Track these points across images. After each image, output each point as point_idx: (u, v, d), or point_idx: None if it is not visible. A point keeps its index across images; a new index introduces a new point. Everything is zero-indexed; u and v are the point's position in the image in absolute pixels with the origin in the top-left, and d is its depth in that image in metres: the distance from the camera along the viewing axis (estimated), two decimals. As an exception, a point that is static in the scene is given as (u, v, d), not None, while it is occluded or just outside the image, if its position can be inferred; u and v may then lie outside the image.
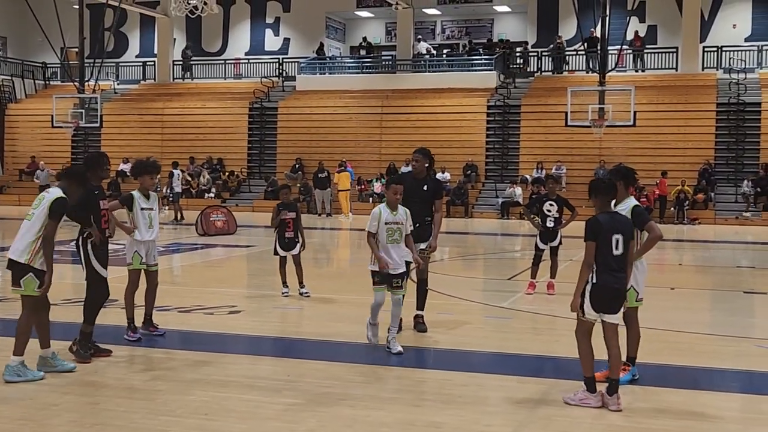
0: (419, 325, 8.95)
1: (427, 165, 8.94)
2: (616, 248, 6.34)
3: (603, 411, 6.14)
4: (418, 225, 8.69)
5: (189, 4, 17.39)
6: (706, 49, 33.67)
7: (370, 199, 31.31)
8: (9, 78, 39.18)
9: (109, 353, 7.70)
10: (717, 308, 12.01)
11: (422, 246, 8.83)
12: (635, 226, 6.73)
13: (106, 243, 7.63)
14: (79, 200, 7.19)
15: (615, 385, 6.26)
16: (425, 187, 8.85)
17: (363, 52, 39.11)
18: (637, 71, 34.33)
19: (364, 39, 39.64)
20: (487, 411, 6.19)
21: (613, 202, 6.75)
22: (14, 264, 6.74)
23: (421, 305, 9.02)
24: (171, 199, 27.09)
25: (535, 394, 6.61)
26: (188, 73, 39.39)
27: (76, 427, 5.76)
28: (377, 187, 31.40)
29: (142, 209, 8.38)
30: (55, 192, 6.88)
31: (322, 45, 38.54)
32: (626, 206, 6.87)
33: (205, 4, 16.74)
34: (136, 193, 8.43)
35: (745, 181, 28.97)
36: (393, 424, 5.87)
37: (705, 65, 33.51)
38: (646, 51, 34.56)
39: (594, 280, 6.31)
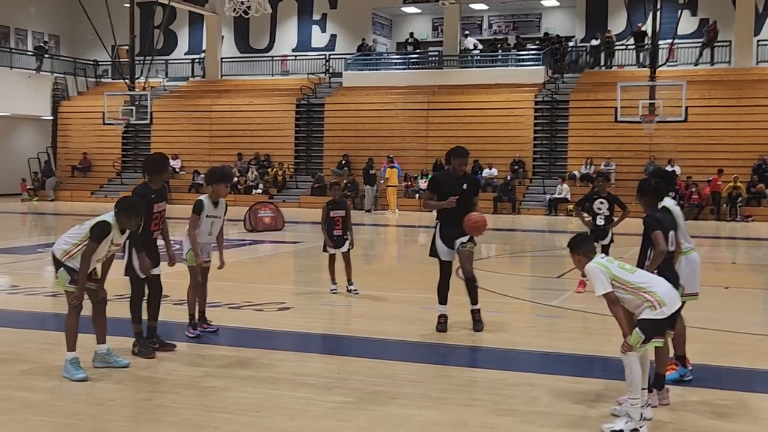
0: (477, 323, 8.88)
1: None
2: (672, 245, 6.47)
3: (654, 410, 6.04)
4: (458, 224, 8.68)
5: (243, 4, 17.49)
6: (760, 43, 33.00)
7: (416, 195, 31.25)
8: (62, 76, 39.86)
9: (173, 347, 7.81)
10: (772, 308, 11.77)
11: (464, 239, 8.81)
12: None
13: (153, 245, 7.70)
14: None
15: (661, 380, 6.26)
16: (465, 186, 8.83)
17: (410, 48, 38.95)
18: (698, 65, 33.36)
19: (411, 35, 39.56)
20: (540, 411, 6.13)
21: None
22: (54, 257, 6.97)
23: (474, 300, 8.92)
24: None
25: (588, 395, 6.53)
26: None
27: (131, 422, 5.85)
28: (423, 183, 31.33)
29: (207, 216, 8.35)
30: (105, 215, 6.95)
31: (364, 40, 38.52)
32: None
33: (259, 4, 16.82)
34: (204, 200, 8.37)
35: None
36: (444, 424, 5.84)
37: (759, 59, 32.86)
38: (696, 45, 33.90)
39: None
